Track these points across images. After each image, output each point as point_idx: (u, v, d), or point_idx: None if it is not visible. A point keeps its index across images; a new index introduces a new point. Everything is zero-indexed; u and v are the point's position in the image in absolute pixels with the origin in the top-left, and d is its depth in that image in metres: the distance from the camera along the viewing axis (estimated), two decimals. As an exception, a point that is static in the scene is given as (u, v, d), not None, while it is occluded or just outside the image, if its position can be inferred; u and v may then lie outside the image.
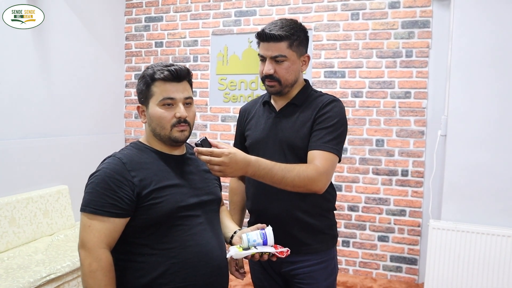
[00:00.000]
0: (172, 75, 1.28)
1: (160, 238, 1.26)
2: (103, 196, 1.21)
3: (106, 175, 1.23)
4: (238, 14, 3.78)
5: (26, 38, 3.10)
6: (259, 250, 1.32)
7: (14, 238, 2.81)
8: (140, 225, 1.25)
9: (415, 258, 3.36)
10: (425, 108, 3.28)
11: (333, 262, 1.63)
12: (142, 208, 1.24)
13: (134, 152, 1.32)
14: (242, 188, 1.78)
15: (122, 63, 4.22)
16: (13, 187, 2.99)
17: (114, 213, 1.21)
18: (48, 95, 3.32)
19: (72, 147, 3.55)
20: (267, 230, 1.37)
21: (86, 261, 1.18)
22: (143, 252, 1.26)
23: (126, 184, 1.23)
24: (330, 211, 1.63)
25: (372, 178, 3.44)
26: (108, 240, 1.21)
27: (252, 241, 1.34)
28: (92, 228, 1.20)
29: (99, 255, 1.18)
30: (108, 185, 1.22)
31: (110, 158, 1.29)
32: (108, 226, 1.21)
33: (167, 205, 1.26)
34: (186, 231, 1.29)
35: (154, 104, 1.29)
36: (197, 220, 1.32)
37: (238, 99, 3.82)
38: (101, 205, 1.20)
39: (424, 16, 3.24)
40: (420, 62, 3.27)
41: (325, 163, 1.43)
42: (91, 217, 1.21)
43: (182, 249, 1.27)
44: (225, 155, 1.25)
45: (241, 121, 1.76)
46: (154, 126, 1.31)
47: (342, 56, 3.48)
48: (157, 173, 1.29)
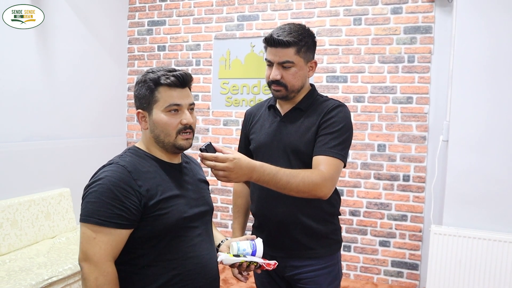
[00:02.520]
0: (178, 81, 1.25)
1: (162, 249, 1.23)
2: (109, 206, 1.15)
3: (112, 183, 1.17)
4: (241, 19, 3.80)
5: (29, 41, 3.11)
6: (247, 259, 1.34)
7: (16, 240, 2.81)
8: (143, 236, 1.21)
9: (416, 263, 3.36)
10: (427, 113, 3.29)
11: (337, 267, 1.63)
12: (148, 219, 1.20)
13: (136, 159, 1.26)
14: (246, 191, 1.78)
15: (124, 67, 4.23)
16: (15, 189, 2.99)
17: (121, 224, 1.16)
18: (50, 98, 3.33)
19: (74, 150, 3.56)
20: (257, 241, 1.39)
21: (91, 276, 1.13)
22: (144, 263, 1.23)
23: (133, 194, 1.18)
24: (334, 216, 1.64)
25: (374, 183, 3.44)
26: (114, 253, 1.17)
27: (242, 249, 1.36)
28: (98, 240, 1.14)
29: (105, 268, 1.14)
30: (114, 194, 1.16)
31: (112, 165, 1.23)
32: (114, 238, 1.16)
33: (173, 216, 1.23)
34: (187, 242, 1.27)
35: (158, 110, 1.25)
36: (196, 232, 1.31)
37: (240, 103, 3.82)
38: (107, 216, 1.15)
39: (426, 22, 3.26)
40: (422, 67, 3.28)
41: (330, 169, 1.43)
42: (96, 229, 1.15)
43: (183, 260, 1.25)
44: (229, 161, 1.25)
45: (246, 124, 1.77)
46: (158, 133, 1.27)
47: (344, 61, 3.49)
48: (161, 183, 1.25)
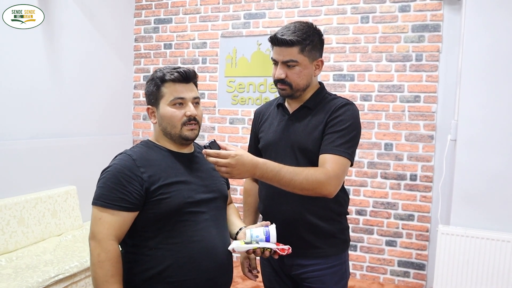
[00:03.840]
0: (181, 76, 1.36)
1: (167, 232, 1.31)
2: (113, 191, 1.26)
3: (117, 170, 1.29)
4: (248, 17, 3.78)
5: (36, 40, 3.12)
6: (260, 246, 1.34)
7: (23, 238, 2.82)
8: (148, 219, 1.30)
9: (423, 263, 3.34)
10: (434, 112, 3.27)
11: (344, 266, 1.62)
12: (151, 203, 1.29)
13: (144, 149, 1.38)
14: (255, 190, 1.78)
15: (131, 65, 4.24)
16: (22, 187, 3.01)
17: (123, 207, 1.26)
18: (57, 96, 3.34)
19: (81, 148, 3.57)
20: (271, 227, 1.39)
21: (95, 252, 1.24)
22: (150, 245, 1.31)
23: (135, 180, 1.28)
24: (342, 215, 1.62)
25: (381, 182, 3.42)
26: (117, 233, 1.27)
27: (255, 236, 1.36)
28: (103, 220, 1.25)
29: (107, 246, 1.24)
30: (118, 180, 1.27)
31: (122, 154, 1.36)
32: (117, 219, 1.26)
33: (175, 201, 1.30)
34: (192, 226, 1.33)
35: (164, 104, 1.36)
36: (203, 217, 1.36)
37: (247, 102, 3.81)
38: (111, 199, 1.26)
39: (435, 20, 3.23)
40: (430, 66, 3.26)
41: (336, 167, 1.42)
42: (101, 210, 1.26)
43: (187, 244, 1.31)
44: (231, 157, 1.26)
45: (255, 123, 1.77)
46: (165, 125, 1.37)
47: (352, 59, 3.47)
48: (165, 170, 1.34)
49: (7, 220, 2.74)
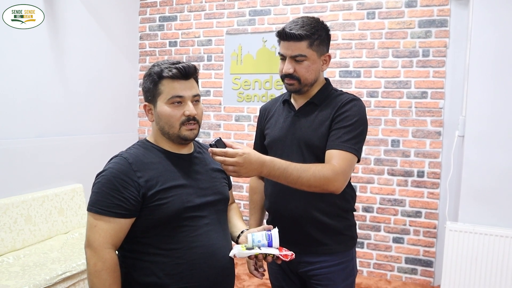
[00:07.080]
0: (180, 73, 1.27)
1: (166, 238, 1.26)
2: (109, 197, 1.21)
3: (112, 175, 1.23)
4: (253, 14, 3.77)
5: (42, 38, 3.13)
6: (262, 251, 1.30)
7: (30, 236, 2.83)
8: (146, 225, 1.25)
9: (431, 260, 3.32)
10: (442, 108, 3.24)
11: (351, 263, 1.61)
12: (148, 209, 1.24)
13: (141, 151, 1.31)
14: (261, 187, 1.77)
15: (136, 63, 4.24)
16: (29, 185, 3.02)
17: (119, 214, 1.21)
18: (63, 94, 3.35)
19: (87, 146, 3.58)
20: (273, 231, 1.35)
21: (91, 261, 1.19)
22: (149, 251, 1.26)
23: (131, 185, 1.22)
24: (349, 211, 1.61)
25: (388, 179, 3.40)
26: (114, 240, 1.22)
27: (256, 241, 1.32)
28: (98, 228, 1.21)
29: (104, 255, 1.19)
30: (114, 185, 1.22)
31: (117, 157, 1.29)
32: (113, 226, 1.21)
33: (173, 206, 1.25)
34: (191, 232, 1.28)
35: (162, 102, 1.28)
36: (203, 221, 1.31)
37: (252, 99, 3.80)
38: (106, 206, 1.21)
39: (442, 15, 3.19)
40: (437, 61, 3.23)
41: (342, 163, 1.40)
42: (97, 217, 1.21)
43: (188, 250, 1.26)
44: (239, 156, 1.23)
45: (261, 120, 1.76)
46: (163, 125, 1.30)
47: (358, 55, 3.45)
48: (163, 174, 1.28)
49: (14, 218, 2.75)
